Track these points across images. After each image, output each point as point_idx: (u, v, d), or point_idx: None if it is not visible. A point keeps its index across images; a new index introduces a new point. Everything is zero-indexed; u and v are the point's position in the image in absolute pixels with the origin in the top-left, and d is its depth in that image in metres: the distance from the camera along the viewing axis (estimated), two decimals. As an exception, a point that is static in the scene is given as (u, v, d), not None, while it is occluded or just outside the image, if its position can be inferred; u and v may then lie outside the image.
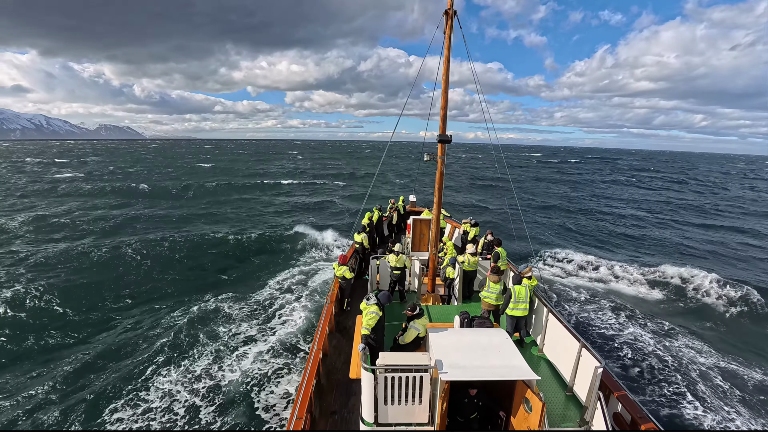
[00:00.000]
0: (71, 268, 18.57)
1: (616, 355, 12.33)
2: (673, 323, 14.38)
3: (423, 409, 5.24)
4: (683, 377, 11.11)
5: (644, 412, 5.84)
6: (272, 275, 18.25)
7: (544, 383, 6.92)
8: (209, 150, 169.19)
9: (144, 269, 18.82)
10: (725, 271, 19.92)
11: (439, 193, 9.60)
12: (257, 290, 16.36)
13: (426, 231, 12.59)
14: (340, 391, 7.14)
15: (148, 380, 10.36)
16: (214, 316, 13.93)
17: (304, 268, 19.03)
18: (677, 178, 77.27)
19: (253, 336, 12.58)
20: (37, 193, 42.10)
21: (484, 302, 8.53)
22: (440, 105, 9.06)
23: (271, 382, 10.16)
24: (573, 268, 20.10)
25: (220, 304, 14.65)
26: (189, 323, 13.10)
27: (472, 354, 5.46)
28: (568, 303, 16.11)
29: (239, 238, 23.44)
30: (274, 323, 13.56)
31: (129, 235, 24.44)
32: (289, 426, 5.51)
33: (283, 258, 21.21)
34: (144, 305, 15.34)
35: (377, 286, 10.73)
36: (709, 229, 32.45)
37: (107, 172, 65.91)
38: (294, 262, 20.31)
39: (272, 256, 21.65)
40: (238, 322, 13.61)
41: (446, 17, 8.58)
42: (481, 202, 41.92)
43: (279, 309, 14.51)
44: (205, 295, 16.01)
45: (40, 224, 27.09)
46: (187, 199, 40.71)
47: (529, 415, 5.12)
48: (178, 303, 15.38)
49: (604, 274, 19.18)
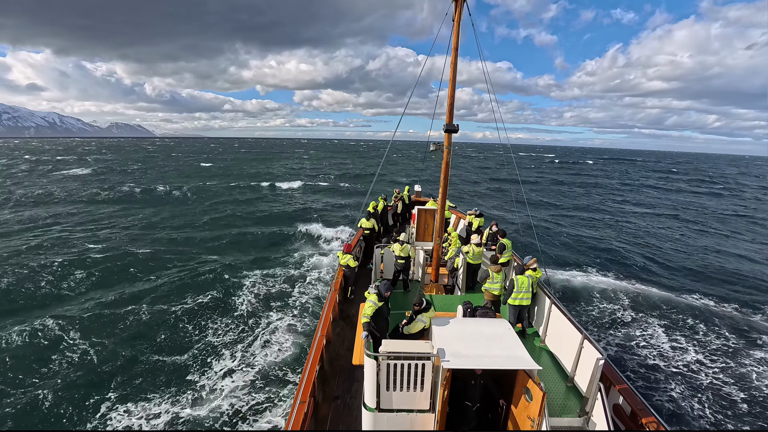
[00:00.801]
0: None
1: (619, 348, 12.26)
2: (685, 322, 14.17)
3: (424, 396, 5.30)
4: (688, 374, 11.01)
5: (645, 405, 5.82)
6: (276, 264, 18.15)
7: (545, 374, 6.91)
8: (214, 149, 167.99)
9: (137, 271, 17.71)
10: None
11: (444, 183, 9.55)
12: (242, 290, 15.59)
13: (431, 221, 12.59)
14: (343, 376, 7.25)
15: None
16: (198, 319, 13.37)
17: (303, 266, 18.54)
18: (710, 182, 71.42)
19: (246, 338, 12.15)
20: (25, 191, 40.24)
21: (487, 293, 8.54)
22: (447, 94, 8.85)
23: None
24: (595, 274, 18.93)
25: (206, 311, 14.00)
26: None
27: (475, 343, 5.47)
28: (572, 294, 16.01)
29: (239, 237, 23.28)
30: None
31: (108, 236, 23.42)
32: (293, 409, 5.63)
33: (282, 255, 20.47)
34: (138, 310, 13.93)
35: (381, 275, 10.79)
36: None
37: (104, 170, 64.10)
38: (293, 261, 19.65)
39: (272, 251, 21.25)
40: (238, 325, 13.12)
41: (455, 4, 8.44)
42: (491, 199, 41.63)
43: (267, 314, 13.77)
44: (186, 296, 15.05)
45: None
46: (185, 200, 38.47)
47: (529, 404, 5.13)
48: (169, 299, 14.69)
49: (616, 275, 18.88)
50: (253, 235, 24.33)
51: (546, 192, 50.05)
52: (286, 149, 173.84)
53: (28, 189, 42.28)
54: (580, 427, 5.89)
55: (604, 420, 5.40)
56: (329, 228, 25.27)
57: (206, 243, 22.83)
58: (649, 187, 60.67)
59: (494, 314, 7.11)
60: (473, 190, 49.10)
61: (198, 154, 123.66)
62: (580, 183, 62.42)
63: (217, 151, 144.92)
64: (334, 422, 6.27)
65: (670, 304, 15.36)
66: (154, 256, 19.85)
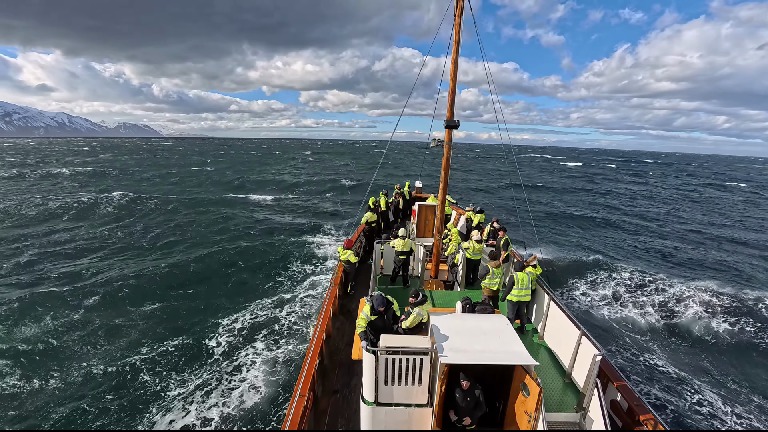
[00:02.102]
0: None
1: (617, 344, 12.24)
2: (685, 323, 14.05)
3: (422, 390, 5.33)
4: (689, 374, 10.91)
5: (642, 401, 5.80)
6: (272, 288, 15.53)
7: (543, 369, 6.93)
8: (222, 149, 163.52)
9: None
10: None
11: (444, 179, 9.56)
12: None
13: (431, 217, 12.61)
14: (343, 371, 7.30)
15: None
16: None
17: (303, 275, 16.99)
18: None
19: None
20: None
21: (486, 289, 8.56)
22: (449, 90, 8.85)
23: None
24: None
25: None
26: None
27: (473, 338, 5.50)
28: (571, 291, 15.94)
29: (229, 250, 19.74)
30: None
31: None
32: (292, 402, 5.68)
33: (278, 267, 17.99)
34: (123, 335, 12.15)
35: (381, 270, 10.84)
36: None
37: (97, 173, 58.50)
38: (290, 269, 17.71)
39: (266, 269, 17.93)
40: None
41: None
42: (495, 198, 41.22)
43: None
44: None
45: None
46: (181, 201, 34.73)
47: (526, 399, 5.16)
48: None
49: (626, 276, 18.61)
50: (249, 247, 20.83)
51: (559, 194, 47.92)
52: (288, 149, 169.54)
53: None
54: (577, 422, 5.91)
55: (601, 416, 5.41)
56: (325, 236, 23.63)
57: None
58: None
59: (493, 310, 7.13)
60: (483, 188, 48.12)
61: (202, 155, 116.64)
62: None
63: (220, 152, 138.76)
64: (333, 416, 6.32)
65: (674, 301, 15.21)
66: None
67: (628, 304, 15.14)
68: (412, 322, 6.55)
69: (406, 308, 6.96)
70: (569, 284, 16.85)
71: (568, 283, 16.90)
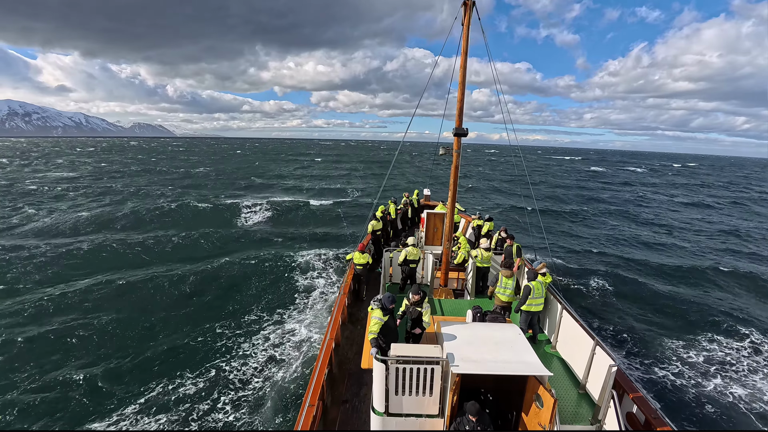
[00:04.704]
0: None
1: (633, 354, 11.89)
2: (701, 328, 13.65)
3: (434, 401, 5.27)
4: (710, 383, 10.60)
5: (660, 414, 5.67)
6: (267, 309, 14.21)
7: (557, 380, 6.80)
8: (225, 149, 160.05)
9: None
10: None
11: (453, 187, 9.52)
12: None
13: (440, 225, 12.55)
14: (352, 380, 7.24)
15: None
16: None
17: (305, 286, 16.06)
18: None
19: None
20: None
21: (498, 298, 8.46)
22: (457, 98, 8.90)
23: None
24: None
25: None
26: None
27: (484, 348, 5.45)
28: (583, 300, 15.61)
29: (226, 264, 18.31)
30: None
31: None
32: (302, 412, 5.64)
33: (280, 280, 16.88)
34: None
35: (390, 279, 10.82)
36: None
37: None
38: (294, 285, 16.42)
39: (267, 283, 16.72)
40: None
41: (464, 8, 8.50)
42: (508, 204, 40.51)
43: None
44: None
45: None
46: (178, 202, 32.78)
47: (540, 411, 5.08)
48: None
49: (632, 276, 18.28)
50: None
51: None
52: (299, 149, 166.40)
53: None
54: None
55: (617, 428, 5.31)
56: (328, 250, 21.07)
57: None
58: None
59: (504, 319, 7.07)
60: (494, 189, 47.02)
61: (207, 156, 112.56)
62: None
63: (226, 153, 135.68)
64: (343, 426, 6.27)
65: (693, 311, 14.82)
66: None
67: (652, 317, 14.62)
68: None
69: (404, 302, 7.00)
70: (582, 292, 16.55)
71: (581, 292, 16.59)
